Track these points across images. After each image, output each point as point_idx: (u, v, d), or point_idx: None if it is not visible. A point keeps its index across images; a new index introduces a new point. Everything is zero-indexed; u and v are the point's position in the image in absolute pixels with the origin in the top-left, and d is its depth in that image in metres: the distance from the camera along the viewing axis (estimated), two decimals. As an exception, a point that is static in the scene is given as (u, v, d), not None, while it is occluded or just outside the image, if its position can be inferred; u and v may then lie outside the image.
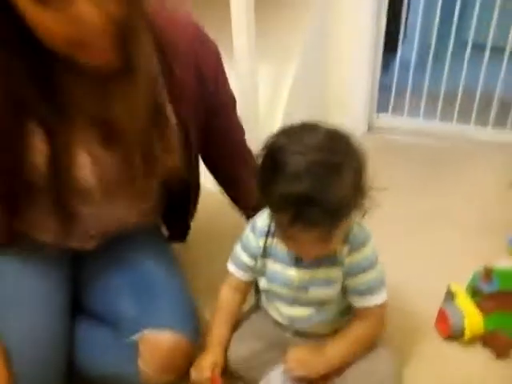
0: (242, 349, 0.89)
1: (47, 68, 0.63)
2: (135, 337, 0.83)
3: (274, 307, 0.89)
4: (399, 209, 1.53)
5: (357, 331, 0.83)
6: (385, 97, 2.24)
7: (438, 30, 2.09)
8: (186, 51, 0.77)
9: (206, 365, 0.85)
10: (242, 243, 0.88)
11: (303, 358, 0.82)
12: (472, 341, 0.99)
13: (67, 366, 0.83)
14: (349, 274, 0.80)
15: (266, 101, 1.72)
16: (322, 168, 0.65)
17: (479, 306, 0.99)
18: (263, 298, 0.92)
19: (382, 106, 2.25)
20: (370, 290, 0.81)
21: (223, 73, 0.88)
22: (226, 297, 0.92)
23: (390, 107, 2.23)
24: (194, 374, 0.85)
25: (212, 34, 0.85)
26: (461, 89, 2.06)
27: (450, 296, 1.04)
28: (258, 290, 0.94)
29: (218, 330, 0.90)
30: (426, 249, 1.33)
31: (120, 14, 0.58)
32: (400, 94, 2.20)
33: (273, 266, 0.84)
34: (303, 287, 0.82)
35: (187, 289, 0.96)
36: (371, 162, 1.89)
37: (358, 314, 0.84)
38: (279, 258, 0.83)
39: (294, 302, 0.85)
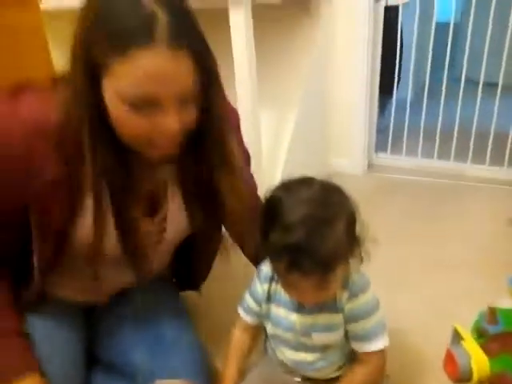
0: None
1: (122, 157, 0.70)
2: None
3: (280, 352, 0.91)
4: (399, 250, 1.56)
5: (357, 377, 0.84)
6: (384, 137, 2.32)
7: (432, 69, 2.19)
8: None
9: None
10: (249, 289, 0.92)
11: None
12: (480, 383, 1.00)
13: None
14: (349, 319, 0.82)
15: (268, 147, 1.78)
16: (315, 220, 0.69)
17: (485, 348, 1.00)
18: (271, 342, 0.94)
19: (381, 146, 2.33)
20: (369, 336, 0.81)
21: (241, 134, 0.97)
22: (237, 339, 0.95)
23: (389, 147, 2.30)
24: None
25: None
26: (457, 126, 2.14)
27: (456, 338, 1.05)
28: (267, 335, 0.96)
29: (228, 371, 0.93)
30: (429, 291, 1.35)
31: (193, 124, 0.68)
32: (398, 133, 2.28)
33: (277, 311, 0.86)
34: (306, 332, 0.84)
35: (198, 339, 0.98)
36: (371, 201, 1.95)
37: (359, 359, 0.85)
38: (282, 303, 0.86)
39: (298, 346, 0.87)
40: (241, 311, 0.94)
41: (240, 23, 1.38)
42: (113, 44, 0.58)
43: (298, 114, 1.87)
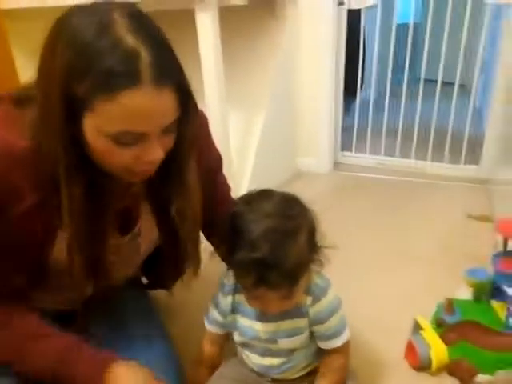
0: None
1: (97, 182, 0.70)
2: None
3: (247, 357, 0.93)
4: (364, 245, 1.63)
5: (333, 365, 0.88)
6: (349, 136, 2.39)
7: (393, 69, 2.27)
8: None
9: None
10: (213, 301, 0.93)
11: None
12: (439, 370, 1.06)
13: None
14: (314, 322, 0.84)
15: (236, 148, 1.81)
16: (278, 234, 0.71)
17: (443, 337, 1.06)
18: (238, 349, 0.95)
19: (346, 146, 2.39)
20: (335, 334, 0.85)
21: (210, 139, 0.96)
22: (207, 352, 0.97)
23: (354, 146, 2.37)
24: None
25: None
26: (417, 125, 2.22)
27: (416, 328, 1.11)
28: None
29: (199, 373, 0.95)
30: (391, 284, 1.40)
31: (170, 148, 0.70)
32: (362, 133, 2.35)
33: (242, 321, 0.88)
34: (271, 339, 0.86)
35: (168, 338, 1.00)
36: (337, 198, 1.99)
37: (327, 354, 0.89)
38: (246, 313, 0.86)
39: (264, 353, 0.89)
40: (207, 324, 0.94)
41: (207, 25, 1.39)
42: (96, 83, 0.57)
43: (266, 116, 1.91)
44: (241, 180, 1.78)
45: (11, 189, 0.66)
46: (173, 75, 0.63)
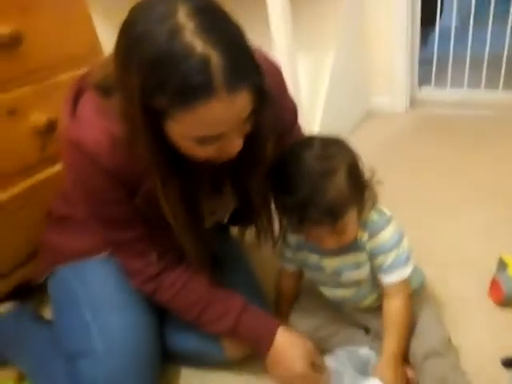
0: (306, 323, 0.98)
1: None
2: None
3: (323, 292, 0.99)
4: (445, 183, 1.56)
5: (396, 317, 0.89)
6: (427, 70, 2.22)
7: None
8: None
9: None
10: (283, 239, 0.98)
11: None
12: (526, 307, 1.02)
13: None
14: (371, 256, 0.89)
15: (306, 88, 1.77)
16: (313, 175, 0.76)
17: (531, 273, 1.02)
18: (313, 282, 1.02)
19: (424, 80, 2.24)
20: (391, 269, 0.88)
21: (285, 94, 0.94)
22: (283, 284, 1.05)
23: (433, 80, 2.21)
24: None
25: (250, 27, 0.89)
26: (506, 52, 2.01)
27: (502, 266, 1.07)
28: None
29: (283, 307, 1.04)
30: (472, 221, 1.35)
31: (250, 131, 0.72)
32: (442, 65, 2.17)
33: (309, 257, 0.94)
34: (336, 272, 0.92)
35: (254, 273, 1.09)
36: (415, 138, 1.92)
37: (385, 290, 0.91)
38: (312, 249, 0.93)
39: (335, 285, 0.95)
40: (281, 260, 1.02)
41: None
42: (173, 98, 0.59)
43: (336, 53, 1.83)
44: (312, 122, 1.75)
45: (134, 174, 0.74)
46: (247, 75, 0.62)
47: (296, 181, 0.77)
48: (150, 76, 0.59)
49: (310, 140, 0.83)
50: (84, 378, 0.85)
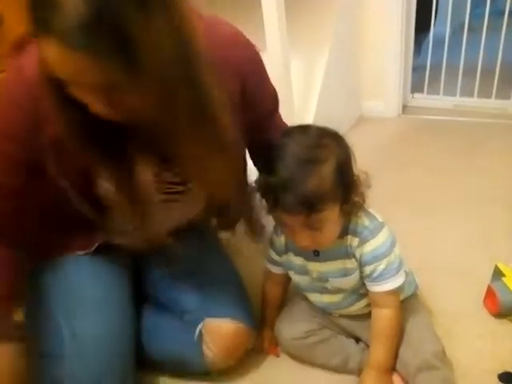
0: (295, 329, 0.95)
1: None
2: (199, 325, 0.90)
3: (309, 297, 0.96)
4: (437, 189, 1.53)
5: (384, 328, 0.85)
6: (420, 77, 2.20)
7: (471, 2, 2.02)
8: (228, 60, 0.77)
9: (265, 337, 0.99)
10: (269, 241, 0.95)
11: None
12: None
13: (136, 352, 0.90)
14: (361, 263, 0.84)
15: (299, 90, 1.73)
16: (298, 160, 0.72)
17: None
18: (298, 287, 0.97)
19: (416, 87, 2.22)
20: (382, 278, 0.83)
21: (263, 73, 0.89)
22: (269, 290, 1.01)
23: (425, 87, 2.19)
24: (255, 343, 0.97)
25: (243, 26, 0.86)
26: (499, 61, 2.00)
27: (497, 275, 1.04)
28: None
29: (268, 313, 1.01)
30: (466, 228, 1.32)
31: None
32: (435, 72, 2.16)
33: (295, 260, 0.90)
34: (323, 278, 0.87)
35: (240, 279, 1.02)
36: (407, 143, 1.91)
37: (374, 299, 0.87)
38: (298, 252, 0.89)
39: (321, 290, 0.91)
40: (267, 264, 0.98)
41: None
42: (35, 23, 0.54)
43: (329, 56, 1.80)
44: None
45: (41, 113, 0.69)
46: (100, 43, 0.53)
47: (280, 162, 0.73)
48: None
49: (307, 127, 0.79)
50: (47, 379, 0.80)
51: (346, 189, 0.77)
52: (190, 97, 0.62)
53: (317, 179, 0.71)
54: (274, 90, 0.92)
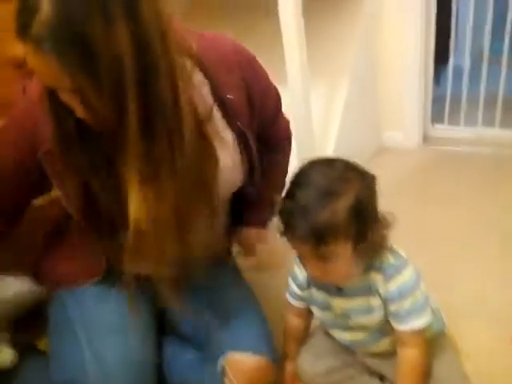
0: (318, 365, 0.93)
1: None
2: (221, 359, 0.89)
3: (330, 332, 0.93)
4: (460, 224, 1.50)
5: (411, 368, 0.82)
6: (440, 107, 2.20)
7: (491, 33, 2.03)
8: (230, 68, 0.82)
9: (287, 372, 0.97)
10: (291, 275, 0.94)
11: None
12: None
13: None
14: (386, 301, 0.82)
15: (318, 121, 1.74)
16: (317, 190, 0.73)
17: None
18: (322, 323, 0.96)
19: (437, 117, 2.21)
20: (407, 316, 0.80)
21: (262, 74, 0.90)
22: (292, 323, 0.98)
23: (446, 118, 2.18)
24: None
25: (265, 59, 0.88)
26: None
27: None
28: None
29: (289, 348, 0.98)
30: (492, 267, 1.28)
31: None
32: (455, 102, 2.15)
33: (317, 295, 0.89)
34: (345, 315, 0.85)
35: (262, 310, 1.01)
36: (429, 174, 1.88)
37: (400, 338, 0.84)
38: (322, 287, 0.87)
39: (343, 327, 0.88)
40: (288, 297, 0.96)
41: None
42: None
43: (349, 86, 1.82)
44: (323, 155, 1.72)
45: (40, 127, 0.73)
46: (64, 44, 0.58)
47: (301, 189, 0.75)
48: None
49: (334, 160, 0.80)
50: None
51: (363, 227, 0.74)
52: (141, 106, 0.62)
53: (329, 212, 0.71)
54: (276, 89, 0.95)
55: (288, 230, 0.75)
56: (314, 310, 0.92)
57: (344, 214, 0.72)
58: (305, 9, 1.40)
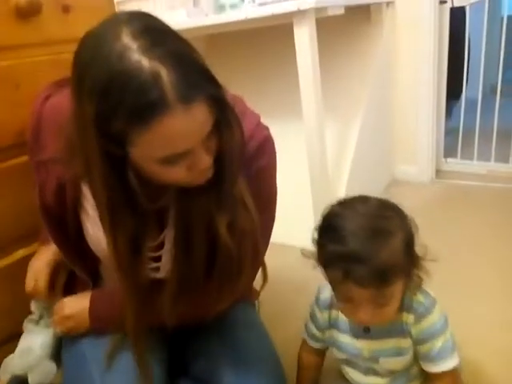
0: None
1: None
2: None
3: (349, 375, 0.91)
4: (475, 262, 1.49)
5: None
6: (452, 141, 2.22)
7: (503, 67, 2.06)
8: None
9: None
10: (310, 315, 0.92)
11: None
12: None
13: None
14: (417, 342, 0.80)
15: (333, 155, 1.77)
16: (369, 231, 0.70)
17: None
18: (339, 364, 0.93)
19: (449, 152, 2.23)
20: (440, 356, 0.79)
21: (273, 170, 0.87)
22: (306, 360, 0.96)
23: (459, 152, 2.20)
24: None
25: (280, 98, 0.88)
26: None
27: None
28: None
29: None
30: (506, 307, 1.26)
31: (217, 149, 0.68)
32: (468, 137, 2.17)
33: (341, 337, 0.86)
34: (373, 358, 0.83)
35: (275, 349, 0.99)
36: (442, 209, 1.84)
37: (431, 379, 0.82)
38: (345, 329, 0.85)
39: (367, 371, 0.86)
40: (306, 337, 0.94)
41: (304, 37, 1.39)
42: (128, 120, 0.57)
43: (362, 122, 1.85)
44: (337, 189, 1.74)
45: (42, 136, 0.77)
46: (199, 86, 0.59)
47: (347, 232, 0.70)
48: (102, 101, 0.57)
49: (367, 198, 0.77)
50: None
51: (412, 263, 0.74)
52: None
53: (388, 251, 0.69)
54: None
55: (348, 277, 0.70)
56: (335, 351, 0.90)
57: (400, 251, 0.71)
58: (320, 46, 1.44)
